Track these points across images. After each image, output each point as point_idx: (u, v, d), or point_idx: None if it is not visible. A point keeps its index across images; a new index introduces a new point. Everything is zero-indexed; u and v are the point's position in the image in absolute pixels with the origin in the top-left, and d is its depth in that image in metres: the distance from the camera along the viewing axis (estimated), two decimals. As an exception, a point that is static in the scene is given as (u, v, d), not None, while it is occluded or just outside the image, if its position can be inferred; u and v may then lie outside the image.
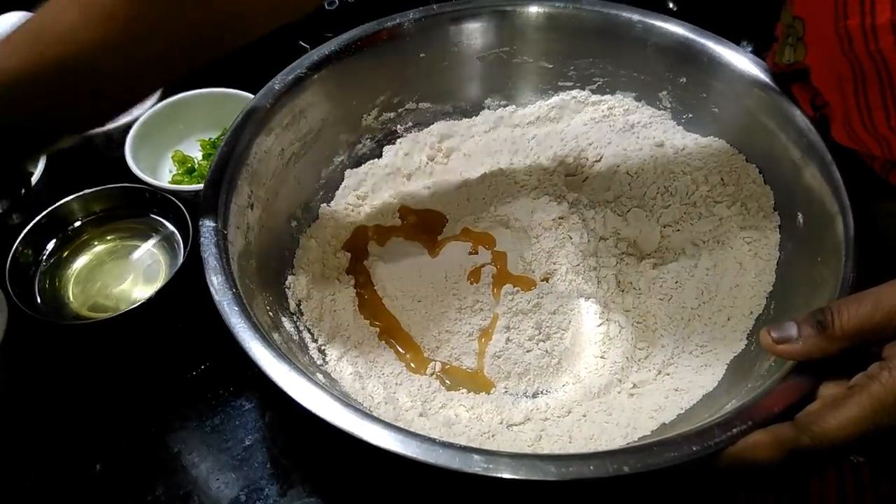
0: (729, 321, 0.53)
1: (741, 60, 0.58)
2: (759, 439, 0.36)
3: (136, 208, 0.66)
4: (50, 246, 0.64)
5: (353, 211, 0.64)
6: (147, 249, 0.65)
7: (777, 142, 0.55)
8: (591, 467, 0.37)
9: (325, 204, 0.64)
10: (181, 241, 0.64)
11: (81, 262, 0.65)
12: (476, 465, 0.37)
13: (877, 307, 0.36)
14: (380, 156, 0.68)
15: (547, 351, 0.54)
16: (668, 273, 0.57)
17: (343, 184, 0.66)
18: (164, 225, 0.66)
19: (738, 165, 0.59)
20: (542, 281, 0.59)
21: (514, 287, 0.57)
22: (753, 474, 0.36)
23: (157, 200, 0.65)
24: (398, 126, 0.69)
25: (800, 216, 0.53)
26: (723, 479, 0.38)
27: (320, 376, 0.50)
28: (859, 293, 0.37)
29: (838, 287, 0.44)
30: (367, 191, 0.66)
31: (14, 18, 0.85)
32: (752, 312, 0.53)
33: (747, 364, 0.49)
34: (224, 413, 0.56)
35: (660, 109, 0.66)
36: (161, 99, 0.74)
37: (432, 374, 0.54)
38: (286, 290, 0.57)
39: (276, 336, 0.48)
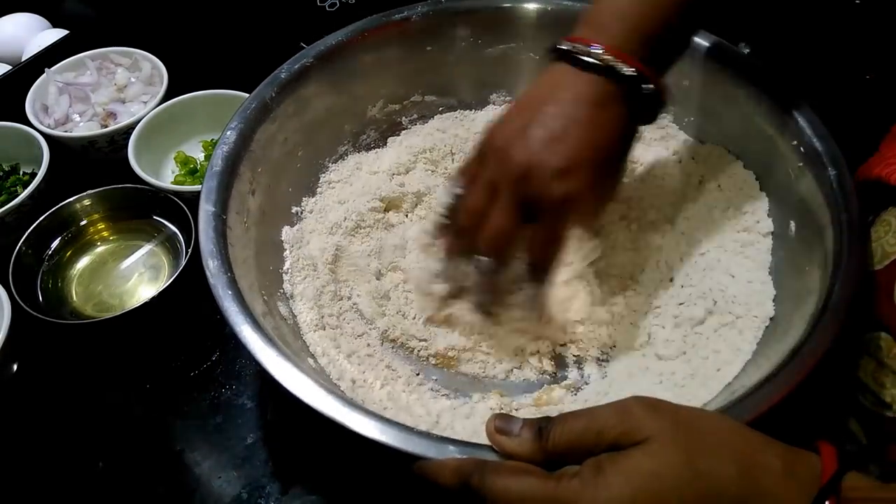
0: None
1: (743, 65, 0.58)
2: (446, 462, 0.37)
3: (138, 209, 0.67)
4: (53, 246, 0.65)
5: (354, 200, 0.65)
6: (150, 250, 0.66)
7: (775, 149, 0.55)
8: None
9: (327, 192, 0.64)
10: (183, 242, 0.65)
11: (84, 262, 0.66)
12: (452, 455, 0.38)
13: (589, 425, 0.35)
14: (384, 146, 0.68)
15: (542, 351, 0.55)
16: (661, 274, 0.57)
17: (347, 173, 0.66)
18: (167, 225, 0.67)
19: (735, 171, 0.60)
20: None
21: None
22: (437, 490, 0.37)
23: (160, 201, 0.66)
24: (403, 118, 0.69)
25: (792, 224, 0.54)
26: (416, 484, 0.38)
27: (311, 361, 0.51)
28: (580, 410, 0.37)
29: (823, 299, 0.44)
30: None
31: (16, 19, 0.85)
32: (739, 318, 0.53)
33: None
34: (226, 412, 0.57)
35: (661, 113, 0.66)
36: (163, 100, 0.74)
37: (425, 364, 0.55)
38: (283, 274, 0.57)
39: (269, 320, 0.48)
